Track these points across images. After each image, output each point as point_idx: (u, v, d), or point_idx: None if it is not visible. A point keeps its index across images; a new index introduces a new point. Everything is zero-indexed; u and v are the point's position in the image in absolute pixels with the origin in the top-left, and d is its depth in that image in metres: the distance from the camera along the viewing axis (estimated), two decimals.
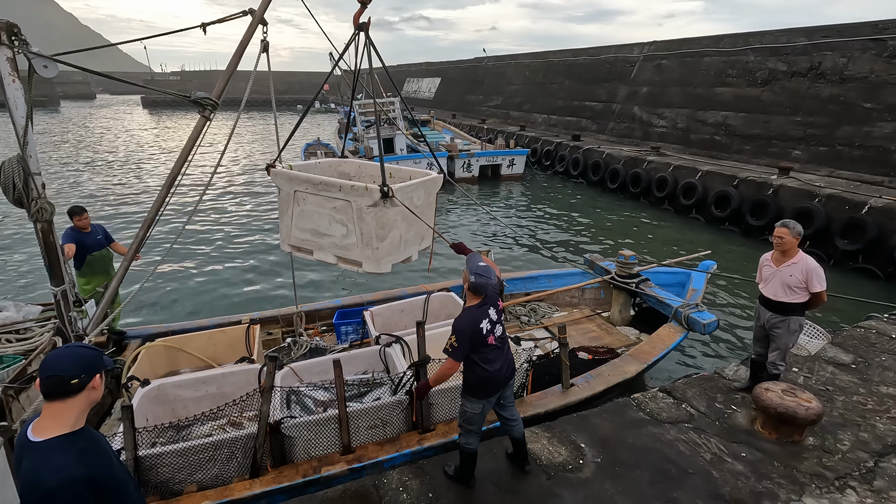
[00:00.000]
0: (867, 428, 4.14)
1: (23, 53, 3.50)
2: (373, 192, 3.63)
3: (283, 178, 3.99)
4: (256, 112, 58.64)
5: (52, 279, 4.05)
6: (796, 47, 15.44)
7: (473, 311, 3.15)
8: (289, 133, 4.89)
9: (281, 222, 4.18)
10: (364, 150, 17.96)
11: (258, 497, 3.47)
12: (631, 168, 16.60)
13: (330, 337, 6.22)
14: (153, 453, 3.32)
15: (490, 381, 3.22)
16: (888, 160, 12.48)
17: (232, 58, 4.27)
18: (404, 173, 4.71)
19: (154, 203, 4.06)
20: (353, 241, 3.85)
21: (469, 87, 37.59)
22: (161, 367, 4.88)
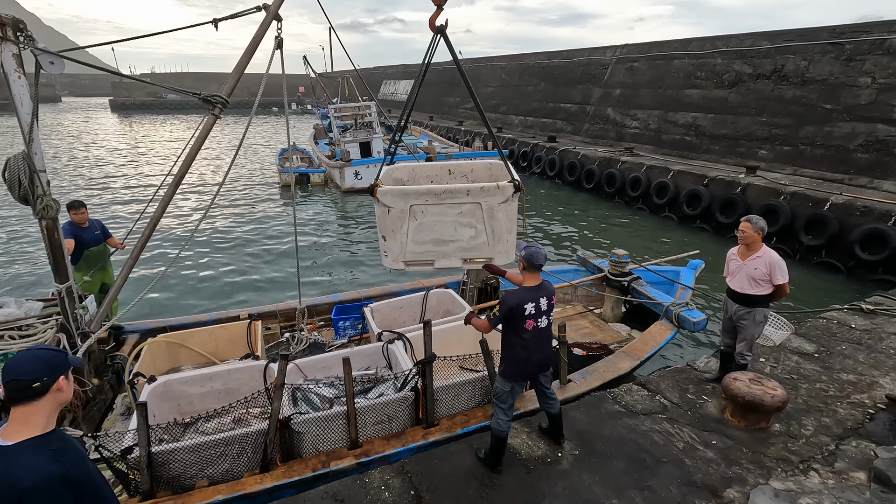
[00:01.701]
0: (829, 413, 4.34)
1: (29, 50, 3.50)
2: (505, 190, 3.72)
3: (395, 196, 3.67)
4: (231, 117, 57.68)
5: (56, 276, 4.05)
6: (760, 50, 16.01)
7: (525, 291, 3.36)
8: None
9: (388, 242, 3.82)
10: (341, 154, 17.88)
11: (269, 491, 3.57)
12: (605, 168, 16.93)
13: (328, 332, 6.28)
14: (166, 449, 3.38)
15: (520, 366, 3.45)
16: (847, 159, 13.04)
17: (243, 54, 4.27)
18: (464, 167, 4.82)
19: (160, 202, 4.05)
20: (483, 240, 3.84)
21: (446, 89, 37.73)
22: (163, 363, 4.89)
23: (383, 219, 3.77)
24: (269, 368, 4.28)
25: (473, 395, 4.45)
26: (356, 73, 4.15)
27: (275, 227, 13.71)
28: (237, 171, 21.76)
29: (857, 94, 13.25)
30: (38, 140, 3.69)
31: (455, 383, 4.29)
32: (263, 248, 12.00)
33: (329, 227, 13.98)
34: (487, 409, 4.45)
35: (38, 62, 3.56)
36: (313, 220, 14.69)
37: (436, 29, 4.00)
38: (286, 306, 6.36)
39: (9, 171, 3.62)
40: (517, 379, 3.50)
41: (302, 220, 14.40)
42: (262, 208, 15.81)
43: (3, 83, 3.58)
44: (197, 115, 58.23)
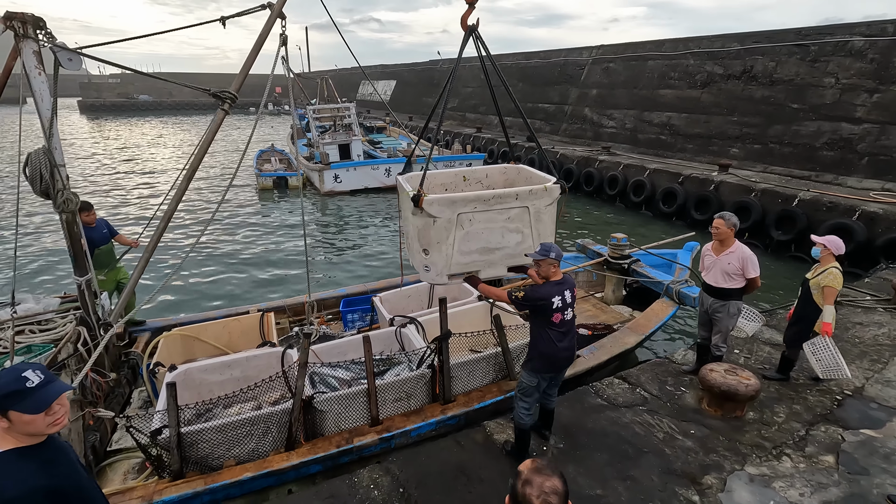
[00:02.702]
0: (799, 401, 4.53)
1: (48, 47, 3.56)
2: (552, 191, 3.71)
3: (443, 205, 3.47)
4: (199, 115, 56.65)
5: (76, 269, 4.11)
6: (730, 52, 16.48)
7: (551, 285, 3.36)
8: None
9: (432, 255, 3.61)
10: (320, 157, 17.75)
11: (296, 467, 3.71)
12: (584, 167, 17.20)
13: (336, 325, 6.46)
14: (194, 430, 3.51)
15: (552, 359, 3.46)
16: (814, 156, 13.53)
17: (250, 52, 4.31)
18: (479, 173, 4.78)
19: (174, 196, 4.14)
20: (529, 244, 3.79)
21: (425, 89, 37.76)
22: (178, 356, 4.94)
23: (427, 230, 3.50)
24: (286, 355, 4.38)
25: (488, 371, 4.68)
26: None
27: (254, 232, 13.54)
28: (209, 173, 21.40)
29: (822, 93, 13.76)
30: (58, 135, 3.77)
31: (470, 360, 4.51)
32: (237, 252, 11.84)
33: (309, 230, 13.88)
34: (502, 384, 4.71)
35: (56, 59, 3.60)
36: (297, 223, 14.56)
37: (468, 28, 3.91)
38: (294, 301, 6.52)
39: (30, 165, 3.68)
40: (546, 371, 3.52)
41: (283, 224, 14.27)
42: (240, 212, 15.58)
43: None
44: (172, 116, 57.07)
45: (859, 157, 12.64)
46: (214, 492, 3.50)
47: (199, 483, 3.48)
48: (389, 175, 18.24)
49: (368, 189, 18.01)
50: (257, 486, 3.64)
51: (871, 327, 5.96)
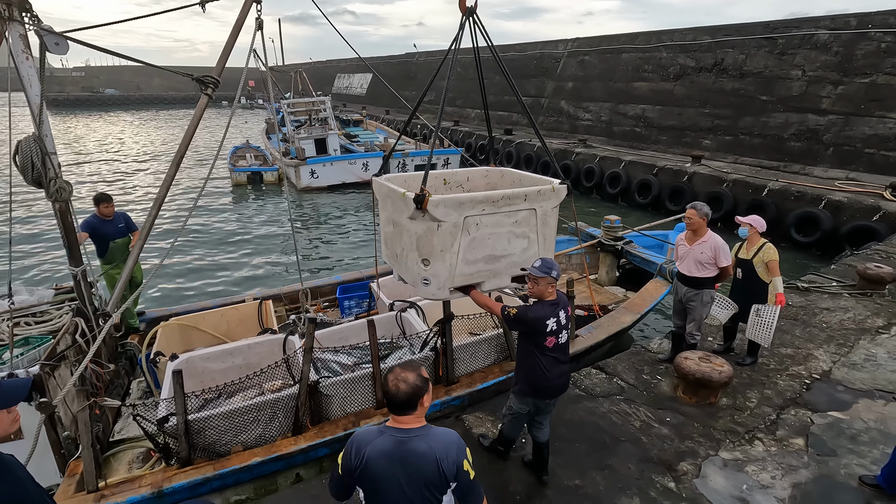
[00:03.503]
0: (770, 385, 4.64)
1: (34, 30, 3.45)
2: (560, 192, 3.44)
3: (450, 206, 3.04)
4: (164, 111, 55.13)
5: (70, 260, 4.04)
6: (702, 45, 16.75)
7: (547, 307, 3.05)
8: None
9: (434, 266, 3.18)
10: (296, 152, 17.42)
11: (304, 451, 3.75)
12: (561, 160, 17.29)
13: (333, 312, 6.49)
14: (201, 417, 3.51)
15: (541, 387, 3.15)
16: (782, 147, 13.89)
17: (228, 37, 4.26)
18: (460, 176, 4.46)
19: (163, 182, 4.08)
20: (535, 251, 3.48)
21: (402, 82, 37.41)
22: (176, 346, 4.92)
23: (429, 237, 3.08)
24: (288, 341, 4.43)
25: (489, 352, 4.79)
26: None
27: (230, 228, 13.24)
28: (183, 170, 20.82)
29: (790, 85, 14.11)
30: (48, 122, 3.67)
31: (472, 342, 4.58)
32: (211, 252, 11.58)
33: (289, 226, 13.63)
34: (503, 365, 4.85)
35: (42, 43, 3.47)
36: (275, 219, 14.30)
37: (466, 10, 3.63)
38: (290, 289, 6.52)
39: (21, 153, 3.56)
40: (537, 397, 3.21)
41: (260, 220, 13.99)
42: (214, 208, 15.21)
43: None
44: (143, 111, 55.33)
45: (825, 147, 13.02)
46: (224, 477, 3.54)
47: (208, 469, 3.53)
48: (367, 170, 18.04)
49: (346, 184, 17.79)
50: (266, 470, 3.69)
51: (838, 312, 6.15)
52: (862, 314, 6.08)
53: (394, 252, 3.62)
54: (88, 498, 3.30)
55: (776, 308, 4.54)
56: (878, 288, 6.64)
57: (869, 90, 12.54)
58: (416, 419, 1.93)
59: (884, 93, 12.27)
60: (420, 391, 1.89)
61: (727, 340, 5.19)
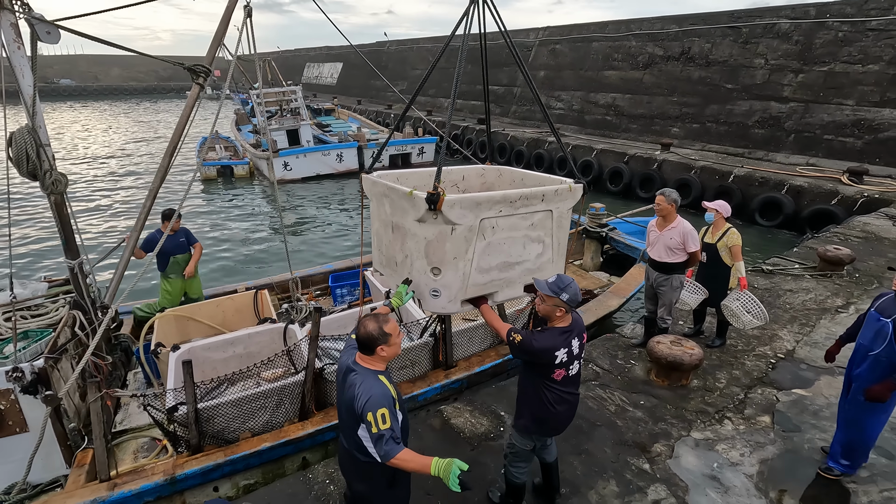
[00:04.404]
0: (738, 366, 4.79)
1: (25, 19, 3.38)
2: (576, 192, 3.20)
3: (466, 207, 2.70)
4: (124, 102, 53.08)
5: (67, 253, 3.99)
6: (669, 33, 17.01)
7: (556, 335, 2.65)
8: None
9: (444, 276, 2.83)
10: (267, 144, 17.01)
11: (311, 435, 3.86)
12: (534, 149, 17.40)
13: (325, 300, 6.60)
14: (212, 405, 3.59)
15: (546, 423, 2.83)
16: (746, 134, 14.28)
17: (218, 25, 4.27)
18: (455, 174, 4.19)
19: (157, 172, 4.08)
20: (549, 256, 3.21)
21: (373, 72, 36.91)
22: (172, 337, 4.93)
23: (441, 242, 2.74)
24: (288, 330, 4.55)
25: (485, 337, 5.00)
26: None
27: (206, 221, 12.86)
28: (145, 163, 20.12)
29: (753, 74, 14.49)
30: (41, 114, 3.61)
31: (469, 327, 4.74)
32: None
33: (267, 219, 13.35)
34: (499, 349, 5.03)
35: (33, 32, 3.39)
36: (250, 212, 13.96)
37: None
38: (280, 279, 6.60)
39: (15, 145, 3.47)
40: (542, 434, 2.92)
41: (235, 214, 13.65)
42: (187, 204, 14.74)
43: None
44: (102, 102, 53.02)
45: (787, 134, 13.46)
46: (234, 462, 3.63)
47: (219, 455, 3.61)
48: (342, 161, 17.78)
49: (321, 176, 17.50)
50: (275, 455, 3.80)
51: (800, 293, 6.39)
52: (822, 294, 6.34)
53: (392, 259, 3.24)
54: (101, 486, 3.35)
55: (746, 293, 4.67)
56: (837, 269, 6.93)
57: (827, 78, 12.98)
58: (371, 360, 2.28)
59: (841, 81, 12.73)
60: (373, 340, 2.22)
61: (697, 323, 5.33)
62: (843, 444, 3.38)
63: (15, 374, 3.36)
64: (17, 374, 3.36)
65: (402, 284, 2.92)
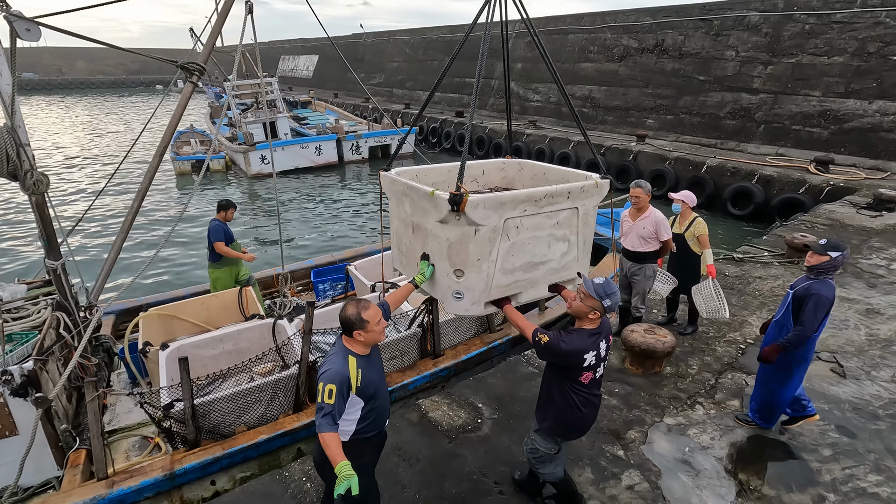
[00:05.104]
0: (710, 353, 4.91)
1: (3, 16, 3.35)
2: (602, 187, 3.10)
3: (490, 207, 2.63)
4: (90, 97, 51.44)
5: (49, 253, 3.95)
6: (643, 26, 17.18)
7: (586, 337, 2.60)
8: None
9: (468, 278, 2.78)
10: (243, 137, 16.65)
11: (307, 426, 3.95)
12: (512, 141, 17.43)
13: (307, 296, 6.72)
14: (208, 400, 3.65)
15: (572, 426, 2.81)
16: (718, 125, 14.57)
17: (216, 21, 4.27)
18: (474, 169, 4.09)
19: (147, 172, 4.07)
20: (574, 255, 3.13)
21: (349, 64, 36.46)
22: (157, 336, 4.89)
23: (465, 244, 2.69)
24: (277, 325, 4.63)
25: (470, 326, 5.18)
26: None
27: (179, 216, 12.56)
28: (118, 158, 19.50)
29: (725, 66, 14.75)
30: (20, 113, 3.57)
31: (455, 317, 4.82)
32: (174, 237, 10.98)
33: (245, 214, 13.11)
34: (484, 337, 5.22)
35: (12, 29, 3.35)
36: None
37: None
38: (262, 275, 6.69)
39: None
40: (567, 437, 2.92)
41: (207, 212, 13.35)
42: (161, 200, 14.37)
43: None
44: (68, 96, 51.17)
45: (757, 125, 13.77)
46: (233, 455, 3.71)
47: (216, 449, 3.68)
48: (320, 153, 17.57)
49: (299, 169, 17.26)
50: (272, 446, 3.88)
51: (769, 280, 6.57)
52: (790, 281, 6.52)
53: (412, 260, 3.17)
54: (99, 485, 3.37)
55: (710, 280, 4.79)
56: (804, 256, 7.13)
57: (795, 70, 13.30)
58: (349, 341, 2.44)
59: (808, 72, 13.06)
60: (351, 324, 2.38)
61: (670, 311, 5.44)
62: (758, 402, 3.75)
63: (4, 376, 3.31)
64: (7, 378, 3.31)
65: (423, 261, 2.92)
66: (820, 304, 3.22)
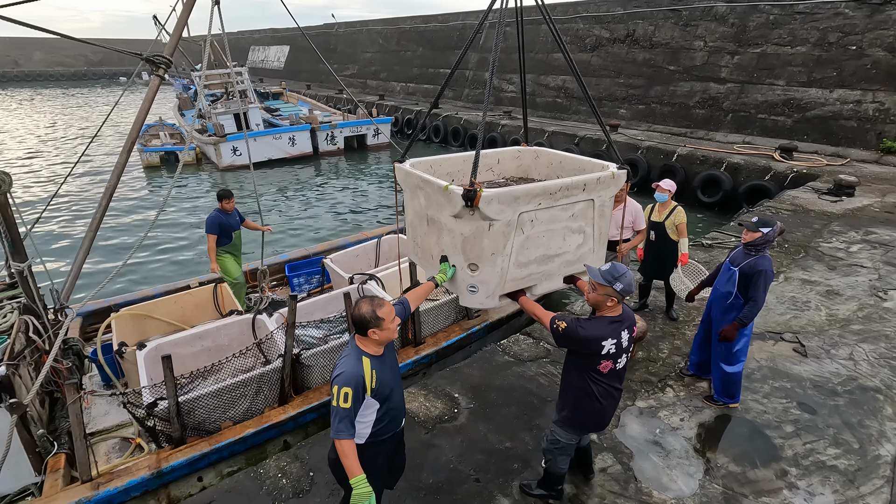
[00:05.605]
0: (679, 336, 5.04)
1: None
2: (619, 178, 3.06)
3: (504, 202, 2.63)
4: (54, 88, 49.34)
5: (13, 255, 3.89)
6: (615, 16, 17.34)
7: (606, 324, 2.58)
8: None
9: (482, 272, 2.79)
10: (213, 129, 16.22)
11: (293, 418, 4.04)
12: (488, 132, 17.44)
13: (282, 290, 6.71)
14: (192, 397, 3.65)
15: (591, 417, 2.80)
16: (688, 114, 14.85)
17: (182, 13, 4.26)
18: (490, 158, 4.03)
19: (114, 169, 4.02)
20: (589, 246, 3.12)
21: (321, 55, 35.81)
22: (130, 337, 4.79)
23: (479, 239, 2.70)
24: (257, 321, 4.63)
25: (449, 314, 5.34)
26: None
27: (146, 212, 12.19)
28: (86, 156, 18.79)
29: (693, 56, 15.02)
30: None
31: (434, 306, 5.03)
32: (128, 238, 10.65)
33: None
34: (462, 323, 5.39)
35: None
36: (197, 201, 13.33)
37: None
38: None
39: None
40: (585, 430, 2.94)
41: (182, 205, 12.99)
42: (126, 195, 13.90)
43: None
44: (25, 89, 48.85)
45: (725, 114, 14.09)
46: (220, 450, 3.74)
47: (203, 445, 3.70)
48: (294, 144, 17.27)
49: (273, 161, 16.93)
50: (259, 440, 3.94)
51: None
52: None
53: (428, 252, 3.18)
54: (84, 488, 3.32)
55: (681, 266, 4.91)
56: None
57: (760, 60, 13.64)
58: (363, 341, 2.37)
59: (772, 62, 13.40)
60: (366, 322, 2.29)
61: (642, 298, 5.56)
62: (719, 382, 3.93)
63: None
64: None
65: (443, 262, 2.93)
66: (768, 279, 3.48)
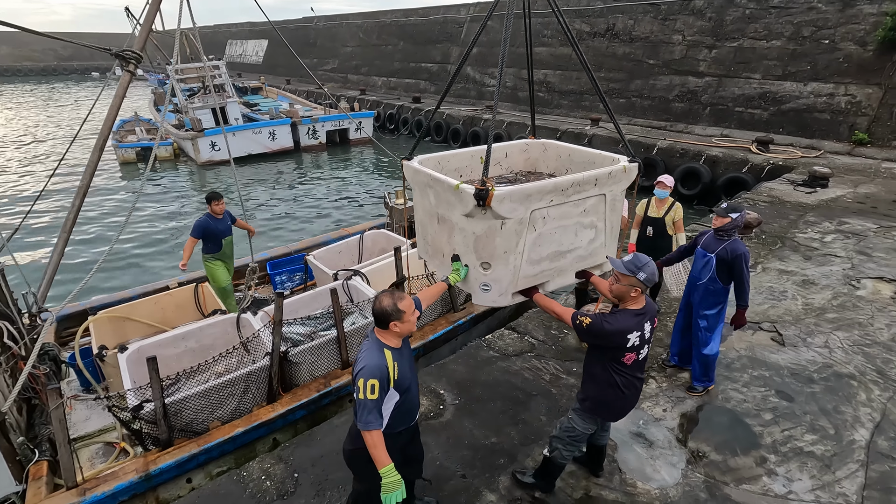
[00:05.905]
0: (661, 328, 5.09)
1: None
2: (631, 172, 3.00)
3: (516, 200, 2.59)
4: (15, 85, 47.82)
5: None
6: (595, 10, 17.41)
7: (630, 317, 2.58)
8: None
9: (495, 270, 2.77)
10: (191, 123, 15.86)
11: (283, 416, 4.01)
12: (470, 127, 17.42)
13: (264, 289, 6.68)
14: (179, 398, 3.60)
15: (613, 407, 2.79)
16: (668, 108, 15.03)
17: (151, 5, 4.22)
18: (498, 152, 3.93)
19: (87, 168, 3.93)
20: (601, 241, 3.08)
21: (301, 49, 35.24)
22: (109, 340, 4.71)
23: (491, 237, 2.68)
24: (242, 320, 4.58)
25: (435, 307, 5.35)
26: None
27: (120, 209, 11.88)
28: (53, 152, 18.25)
29: (672, 50, 15.18)
30: None
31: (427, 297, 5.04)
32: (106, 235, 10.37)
33: (193, 203, 12.55)
34: (449, 316, 5.40)
35: None
36: (175, 197, 13.04)
37: None
38: None
39: None
40: (604, 419, 2.92)
41: (158, 201, 12.70)
42: (102, 192, 13.54)
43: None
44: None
45: (703, 107, 14.28)
46: (210, 451, 3.69)
47: (192, 446, 3.64)
48: (275, 139, 17.01)
49: (253, 156, 16.65)
50: (248, 438, 3.91)
51: None
52: None
53: (438, 250, 3.15)
54: (70, 494, 3.25)
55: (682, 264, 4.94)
56: (747, 232, 7.50)
57: (737, 53, 13.84)
58: (384, 334, 2.38)
59: (748, 56, 13.61)
60: (387, 315, 2.31)
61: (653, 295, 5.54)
62: (697, 367, 4.06)
63: None
64: None
65: (455, 262, 2.90)
66: (747, 261, 3.65)
